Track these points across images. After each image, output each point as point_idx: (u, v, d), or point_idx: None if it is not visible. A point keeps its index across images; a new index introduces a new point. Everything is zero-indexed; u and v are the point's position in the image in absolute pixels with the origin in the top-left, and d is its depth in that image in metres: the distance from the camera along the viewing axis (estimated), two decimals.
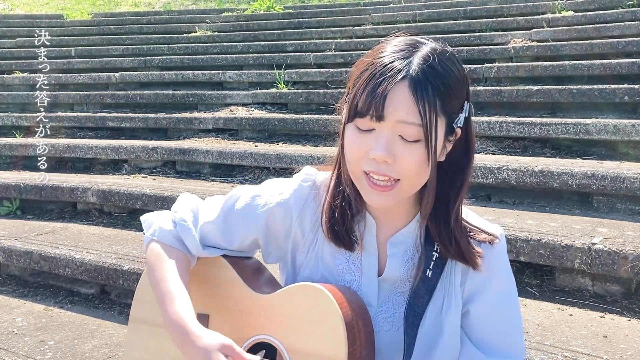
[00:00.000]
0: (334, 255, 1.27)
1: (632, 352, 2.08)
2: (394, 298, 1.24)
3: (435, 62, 1.08)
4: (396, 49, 1.10)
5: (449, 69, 1.10)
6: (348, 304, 1.16)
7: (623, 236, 2.64)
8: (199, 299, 1.34)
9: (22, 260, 3.38)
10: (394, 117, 1.05)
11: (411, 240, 1.24)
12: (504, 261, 1.25)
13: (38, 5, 13.56)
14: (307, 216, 1.28)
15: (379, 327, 1.23)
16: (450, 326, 1.21)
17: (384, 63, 1.07)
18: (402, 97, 1.05)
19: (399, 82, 1.05)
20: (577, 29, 5.87)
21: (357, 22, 8.00)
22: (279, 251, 1.33)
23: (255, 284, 1.30)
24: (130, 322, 1.43)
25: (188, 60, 7.32)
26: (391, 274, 1.24)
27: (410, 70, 1.06)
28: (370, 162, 1.09)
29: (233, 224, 1.32)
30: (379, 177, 1.10)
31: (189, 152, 4.64)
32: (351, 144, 1.11)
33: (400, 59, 1.07)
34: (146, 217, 1.40)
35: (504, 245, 1.26)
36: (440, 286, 1.22)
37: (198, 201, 1.41)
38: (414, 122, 1.05)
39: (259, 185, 1.36)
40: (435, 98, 1.06)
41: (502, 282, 1.23)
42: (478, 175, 3.39)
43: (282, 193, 1.29)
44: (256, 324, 1.24)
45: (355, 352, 1.13)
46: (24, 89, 7.39)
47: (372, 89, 1.06)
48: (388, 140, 1.07)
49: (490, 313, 1.22)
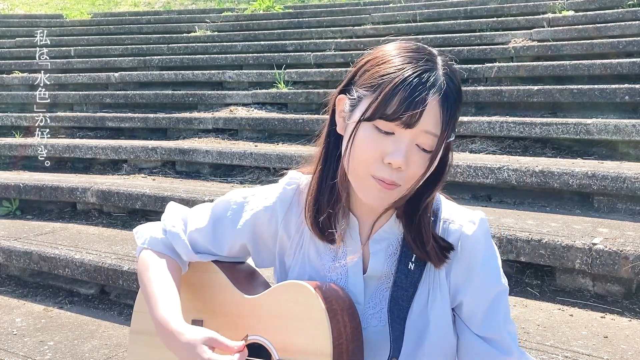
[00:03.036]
0: (320, 255, 1.29)
1: (633, 352, 2.08)
2: (381, 294, 1.25)
3: (452, 75, 1.12)
4: (414, 55, 1.12)
5: (459, 81, 1.15)
6: (332, 299, 1.17)
7: (624, 236, 2.63)
8: (192, 305, 1.36)
9: (21, 260, 3.38)
10: (423, 127, 1.08)
11: (393, 236, 1.25)
12: (483, 245, 1.23)
13: (38, 5, 13.55)
14: (292, 219, 1.30)
15: (367, 323, 1.24)
16: (437, 318, 1.22)
17: (416, 72, 1.09)
18: (434, 109, 1.08)
19: (434, 93, 1.08)
20: (578, 28, 5.86)
21: (357, 22, 7.99)
22: (269, 255, 1.35)
23: (246, 287, 1.32)
24: (130, 334, 1.46)
25: (188, 60, 7.32)
26: (375, 271, 1.25)
27: (438, 81, 1.09)
28: (383, 168, 1.10)
29: (221, 230, 1.34)
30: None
31: (188, 152, 4.64)
32: (366, 143, 1.11)
33: (427, 71, 1.10)
34: (138, 229, 1.43)
35: (483, 229, 1.23)
36: (424, 279, 1.23)
37: (186, 210, 1.42)
38: (436, 133, 1.10)
39: (246, 190, 1.37)
40: (456, 110, 1.12)
41: (484, 267, 1.22)
42: (478, 175, 3.39)
43: (267, 198, 1.32)
44: (247, 325, 1.26)
45: (341, 346, 1.14)
46: (23, 89, 7.39)
47: (408, 96, 1.07)
48: (408, 148, 1.09)
49: (479, 300, 1.22)
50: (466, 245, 1.22)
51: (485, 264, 1.22)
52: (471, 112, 4.77)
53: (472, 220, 1.24)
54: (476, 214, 1.25)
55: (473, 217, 1.25)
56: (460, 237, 1.22)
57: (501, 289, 1.23)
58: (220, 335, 1.18)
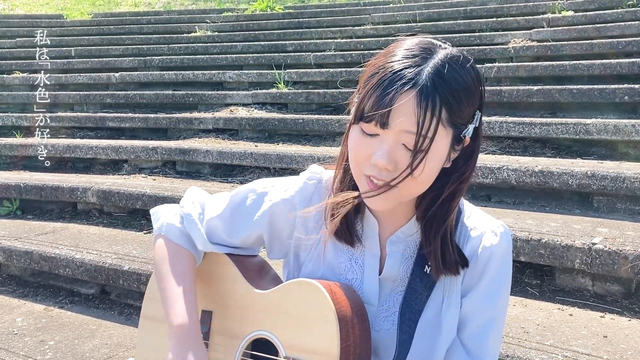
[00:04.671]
0: (337, 253, 1.27)
1: (633, 352, 2.08)
2: (395, 297, 1.24)
3: (447, 72, 1.04)
4: (409, 53, 1.07)
5: (462, 78, 1.06)
6: (343, 300, 1.17)
7: (623, 236, 2.64)
8: (202, 295, 1.37)
9: (22, 260, 3.38)
10: (398, 126, 1.04)
11: (411, 239, 1.23)
12: (499, 261, 1.20)
13: (38, 5, 13.56)
14: (311, 214, 1.28)
15: (379, 326, 1.23)
16: (450, 324, 1.21)
17: (394, 69, 1.04)
18: (408, 108, 1.03)
19: (407, 91, 1.02)
20: (577, 28, 5.87)
21: (357, 22, 8.00)
22: (283, 247, 1.34)
23: (257, 281, 1.33)
24: (141, 319, 1.47)
25: (188, 60, 7.32)
26: (390, 273, 1.24)
27: (419, 79, 1.03)
28: (371, 167, 1.09)
29: (239, 219, 1.33)
30: (378, 182, 1.09)
31: (189, 152, 4.64)
32: (355, 146, 1.11)
33: (412, 67, 1.04)
34: (155, 210, 1.43)
35: (503, 244, 1.21)
36: (440, 283, 1.21)
37: (205, 196, 1.42)
38: (414, 131, 1.04)
39: (266, 180, 1.37)
40: (441, 110, 1.03)
41: (493, 282, 1.20)
42: (478, 175, 3.39)
43: (287, 190, 1.30)
44: (255, 320, 1.26)
45: (348, 348, 1.14)
46: (24, 89, 7.39)
47: (379, 96, 1.04)
48: (391, 148, 1.06)
49: (474, 310, 1.21)
50: (483, 255, 1.20)
51: (495, 280, 1.20)
52: None
53: (494, 231, 1.22)
54: (499, 225, 1.23)
55: (495, 227, 1.22)
56: (479, 245, 1.20)
57: (501, 311, 1.22)
58: (227, 325, 1.19)
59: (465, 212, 1.25)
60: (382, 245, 1.25)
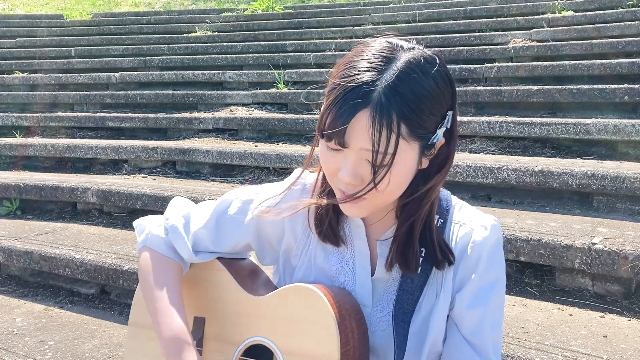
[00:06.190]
0: (327, 257, 1.27)
1: (632, 352, 2.08)
2: (388, 297, 1.24)
3: (404, 84, 1.00)
4: (367, 64, 1.02)
5: (421, 87, 1.01)
6: (341, 304, 1.16)
7: (623, 236, 2.64)
8: (195, 302, 1.34)
9: (22, 260, 3.38)
10: (357, 145, 1.02)
11: None
12: (491, 254, 1.19)
13: (38, 5, 13.56)
14: (298, 220, 1.27)
15: (375, 326, 1.23)
16: (435, 322, 1.20)
17: (348, 87, 1.01)
18: (363, 127, 1.00)
19: (361, 111, 0.99)
20: (577, 28, 5.87)
21: (357, 22, 8.00)
22: (274, 254, 1.34)
23: (250, 286, 1.30)
24: (129, 327, 1.44)
25: (188, 60, 7.33)
26: (382, 273, 1.23)
27: (373, 95, 0.99)
28: (340, 181, 1.08)
29: (225, 229, 1.32)
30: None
31: (189, 152, 4.65)
32: (323, 159, 1.10)
33: (367, 83, 1.00)
34: (139, 222, 1.40)
35: (493, 237, 1.20)
36: (432, 281, 1.20)
37: (190, 206, 1.40)
38: (371, 149, 1.02)
39: (251, 188, 1.35)
40: (399, 125, 0.99)
41: (487, 275, 1.19)
42: (478, 175, 3.39)
43: (273, 197, 1.29)
44: (251, 326, 1.24)
45: (348, 353, 1.13)
46: (24, 89, 7.40)
47: (335, 116, 1.02)
48: (354, 165, 1.04)
49: (471, 304, 1.19)
50: (474, 250, 1.19)
51: (487, 272, 1.19)
52: (471, 112, 4.78)
53: (484, 225, 1.21)
54: (489, 219, 1.22)
55: (485, 221, 1.21)
56: (470, 241, 1.19)
57: (497, 302, 1.20)
58: (222, 332, 1.17)
59: (454, 208, 1.24)
60: (374, 246, 1.24)
